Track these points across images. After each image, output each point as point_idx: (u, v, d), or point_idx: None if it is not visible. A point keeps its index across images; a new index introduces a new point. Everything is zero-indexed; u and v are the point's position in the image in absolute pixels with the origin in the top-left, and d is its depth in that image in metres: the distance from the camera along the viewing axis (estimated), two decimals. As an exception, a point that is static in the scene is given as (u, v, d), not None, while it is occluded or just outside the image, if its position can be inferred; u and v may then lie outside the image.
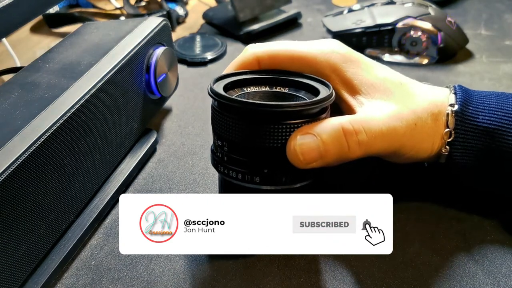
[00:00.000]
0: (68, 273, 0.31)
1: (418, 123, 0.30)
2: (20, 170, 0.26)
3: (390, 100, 0.30)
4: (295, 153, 0.27)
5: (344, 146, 0.28)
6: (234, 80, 0.31)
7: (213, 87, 0.29)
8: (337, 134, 0.27)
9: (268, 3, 0.59)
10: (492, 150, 0.31)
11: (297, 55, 0.32)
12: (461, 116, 0.31)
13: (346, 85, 0.31)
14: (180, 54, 0.55)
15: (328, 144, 0.27)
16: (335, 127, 0.28)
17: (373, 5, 0.56)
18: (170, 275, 0.31)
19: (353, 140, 0.28)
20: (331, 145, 0.27)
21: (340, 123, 0.28)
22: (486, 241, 0.32)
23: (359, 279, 0.30)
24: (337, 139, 0.27)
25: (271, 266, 0.31)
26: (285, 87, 0.31)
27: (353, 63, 0.32)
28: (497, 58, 0.54)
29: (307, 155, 0.27)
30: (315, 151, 0.27)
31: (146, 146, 0.40)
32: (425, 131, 0.31)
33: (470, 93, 0.32)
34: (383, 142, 0.29)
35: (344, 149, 0.28)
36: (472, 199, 0.35)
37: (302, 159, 0.27)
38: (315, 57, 0.32)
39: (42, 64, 0.34)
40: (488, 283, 0.30)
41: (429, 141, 0.31)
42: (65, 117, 0.29)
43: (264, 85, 0.31)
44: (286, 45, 0.32)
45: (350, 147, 0.28)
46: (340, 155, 0.28)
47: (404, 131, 0.29)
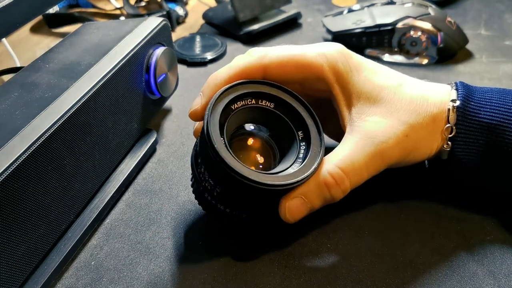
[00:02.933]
0: (68, 273, 0.31)
1: (410, 133, 0.31)
2: (20, 170, 0.26)
3: (383, 113, 0.31)
4: (286, 217, 0.30)
5: (328, 197, 0.30)
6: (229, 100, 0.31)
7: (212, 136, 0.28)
8: (321, 191, 0.30)
9: (268, 3, 0.59)
10: (493, 145, 0.31)
11: (305, 63, 0.32)
12: (463, 111, 0.31)
13: (346, 97, 0.33)
14: (180, 54, 0.55)
15: (314, 200, 0.30)
16: (319, 184, 0.30)
17: (373, 5, 0.56)
18: (170, 275, 0.31)
19: (335, 191, 0.30)
20: (316, 200, 0.30)
21: (323, 179, 0.30)
22: (486, 241, 0.32)
23: (359, 279, 0.30)
24: (321, 194, 0.30)
25: (271, 266, 0.31)
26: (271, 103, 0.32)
27: (355, 72, 0.32)
28: (497, 58, 0.54)
29: (296, 215, 0.30)
30: (303, 210, 0.30)
31: (146, 146, 0.40)
32: (421, 135, 0.31)
33: (471, 89, 0.33)
34: (369, 170, 0.31)
35: (328, 199, 0.30)
36: (472, 199, 0.35)
37: (292, 220, 0.30)
38: (322, 66, 0.32)
39: (42, 64, 0.34)
40: (488, 283, 0.30)
41: (426, 143, 0.32)
42: (65, 117, 0.29)
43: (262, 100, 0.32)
44: (292, 52, 0.32)
45: (333, 196, 0.30)
46: (325, 203, 0.31)
47: (393, 150, 0.31)
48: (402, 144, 0.31)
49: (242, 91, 0.31)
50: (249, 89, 0.31)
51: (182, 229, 0.34)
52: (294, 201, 0.29)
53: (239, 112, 0.31)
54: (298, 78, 0.33)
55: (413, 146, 0.32)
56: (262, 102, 0.31)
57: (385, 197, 0.36)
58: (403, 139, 0.31)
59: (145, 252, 0.32)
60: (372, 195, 0.36)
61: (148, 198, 0.37)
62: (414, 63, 0.53)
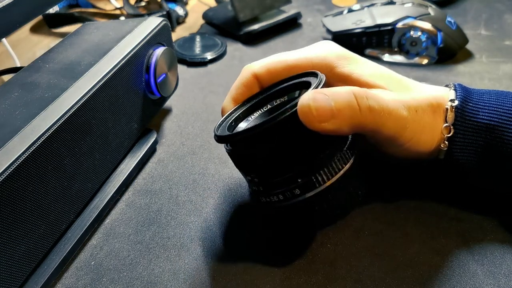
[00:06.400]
0: (68, 273, 0.31)
1: (419, 110, 0.31)
2: (20, 170, 0.26)
3: (390, 90, 0.31)
4: (309, 109, 0.26)
5: (356, 109, 0.27)
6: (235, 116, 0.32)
7: (219, 133, 0.30)
8: (348, 96, 0.27)
9: (268, 3, 0.59)
10: (491, 146, 0.31)
11: (292, 63, 0.33)
12: (461, 112, 0.31)
13: (344, 81, 0.32)
14: (180, 54, 0.55)
15: (340, 103, 0.27)
16: (346, 89, 0.28)
17: (373, 5, 0.56)
18: (170, 275, 0.31)
19: (364, 103, 0.28)
20: (343, 105, 0.27)
21: (351, 88, 0.28)
22: (486, 241, 0.32)
23: (359, 279, 0.30)
24: (348, 101, 0.27)
25: (271, 266, 0.31)
26: (283, 97, 0.32)
27: (349, 60, 0.32)
28: (497, 58, 0.54)
29: (321, 110, 0.26)
30: (328, 109, 0.27)
31: (146, 146, 0.40)
32: (425, 121, 0.31)
33: (470, 90, 0.33)
34: (390, 118, 0.29)
35: (356, 112, 0.27)
36: (472, 199, 0.35)
37: (316, 115, 0.26)
38: (311, 60, 0.32)
39: (42, 64, 0.34)
40: (488, 283, 0.30)
41: (428, 133, 0.32)
42: (65, 117, 0.29)
43: (265, 105, 0.33)
44: (280, 56, 0.34)
45: (361, 110, 0.28)
46: (351, 118, 0.28)
47: (407, 114, 0.30)
48: (413, 116, 0.30)
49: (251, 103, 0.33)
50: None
51: (182, 229, 0.34)
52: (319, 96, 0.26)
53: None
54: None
55: (419, 127, 0.31)
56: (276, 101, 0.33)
57: (385, 197, 0.36)
58: (414, 112, 0.30)
59: (145, 252, 0.32)
60: (372, 195, 0.36)
61: (148, 198, 0.37)
62: (414, 63, 0.53)
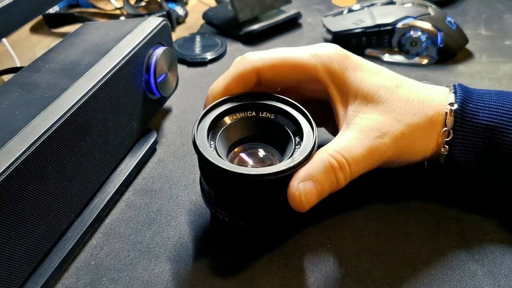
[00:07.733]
0: (68, 273, 0.31)
1: (406, 131, 0.31)
2: (20, 170, 0.26)
3: (379, 111, 0.31)
4: (299, 197, 0.28)
5: (334, 182, 0.29)
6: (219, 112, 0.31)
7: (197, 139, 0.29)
8: (328, 173, 0.29)
9: (268, 3, 0.59)
10: (492, 147, 0.31)
11: (298, 64, 0.32)
12: (461, 114, 0.31)
13: (342, 96, 0.32)
14: (180, 54, 0.55)
15: (323, 182, 0.28)
16: (325, 165, 0.28)
17: (373, 5, 0.56)
18: (170, 275, 0.31)
19: (340, 175, 0.29)
20: (325, 182, 0.29)
21: (328, 160, 0.29)
22: (486, 241, 0.32)
23: (359, 279, 0.30)
24: (329, 178, 0.29)
25: (271, 265, 0.31)
26: (271, 113, 0.32)
27: (352, 71, 0.32)
28: (497, 58, 0.54)
29: (310, 199, 0.28)
30: (315, 194, 0.28)
31: (146, 146, 0.40)
32: (416, 135, 0.31)
33: (470, 91, 0.33)
34: (366, 164, 0.30)
35: (334, 185, 0.29)
36: (472, 199, 0.35)
37: (307, 205, 0.28)
38: (315, 67, 0.32)
39: (42, 64, 0.34)
40: (488, 283, 0.30)
41: (422, 143, 0.32)
42: (65, 117, 0.29)
43: (251, 111, 0.32)
44: (285, 54, 0.33)
45: (338, 182, 0.29)
46: (331, 191, 0.29)
47: (388, 146, 0.30)
48: (398, 141, 0.31)
49: (240, 102, 0.32)
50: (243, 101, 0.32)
51: (182, 229, 0.34)
52: (307, 183, 0.28)
53: (238, 123, 0.32)
54: (293, 80, 0.33)
55: (408, 145, 0.31)
56: (262, 114, 0.32)
57: (385, 197, 0.36)
58: (398, 136, 0.31)
59: (145, 252, 0.32)
60: (372, 195, 0.36)
61: (148, 198, 0.37)
62: (414, 63, 0.53)
